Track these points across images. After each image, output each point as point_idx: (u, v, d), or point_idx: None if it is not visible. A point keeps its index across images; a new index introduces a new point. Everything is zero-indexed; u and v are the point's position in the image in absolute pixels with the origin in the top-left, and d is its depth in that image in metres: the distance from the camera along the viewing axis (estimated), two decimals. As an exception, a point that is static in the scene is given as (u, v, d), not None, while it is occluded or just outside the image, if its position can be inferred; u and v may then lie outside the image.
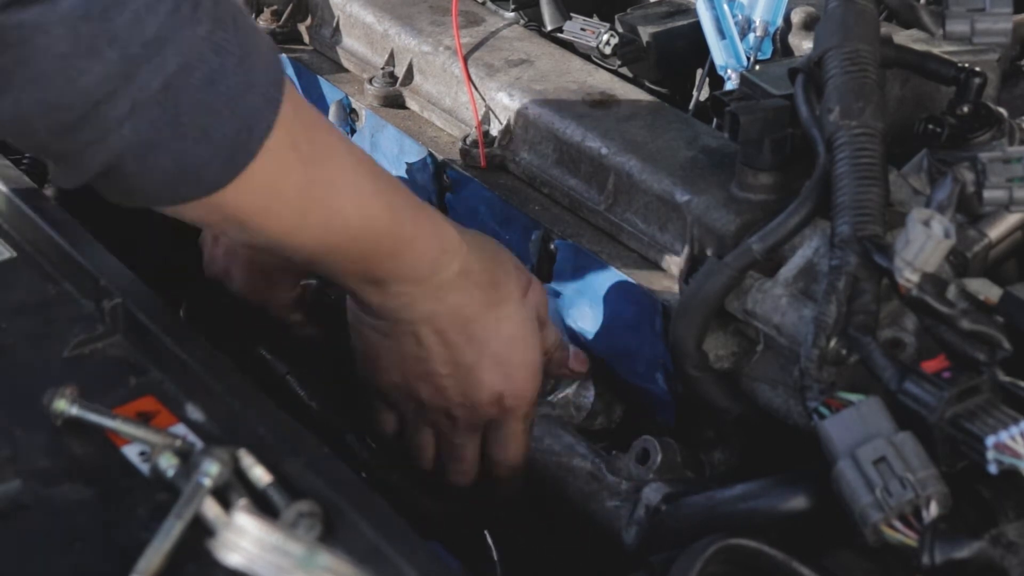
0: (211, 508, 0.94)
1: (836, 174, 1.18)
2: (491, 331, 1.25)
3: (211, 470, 0.95)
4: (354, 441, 1.37)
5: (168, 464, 0.98)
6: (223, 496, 0.95)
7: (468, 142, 1.49)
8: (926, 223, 1.06)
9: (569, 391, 1.36)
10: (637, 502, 1.23)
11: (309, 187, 1.12)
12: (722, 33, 1.49)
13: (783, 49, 1.50)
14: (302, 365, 1.44)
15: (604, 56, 1.57)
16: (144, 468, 0.99)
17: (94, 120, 0.97)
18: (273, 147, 1.05)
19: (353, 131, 1.61)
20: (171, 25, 0.98)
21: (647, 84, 1.58)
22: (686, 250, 1.30)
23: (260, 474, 0.96)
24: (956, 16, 1.32)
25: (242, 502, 0.94)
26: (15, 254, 1.18)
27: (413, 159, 1.52)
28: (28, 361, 1.09)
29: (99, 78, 0.96)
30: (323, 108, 1.64)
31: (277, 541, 0.85)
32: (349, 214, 1.15)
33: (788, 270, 1.21)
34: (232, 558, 0.85)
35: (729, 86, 1.47)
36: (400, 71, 1.60)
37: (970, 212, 1.20)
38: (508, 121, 1.48)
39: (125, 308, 1.10)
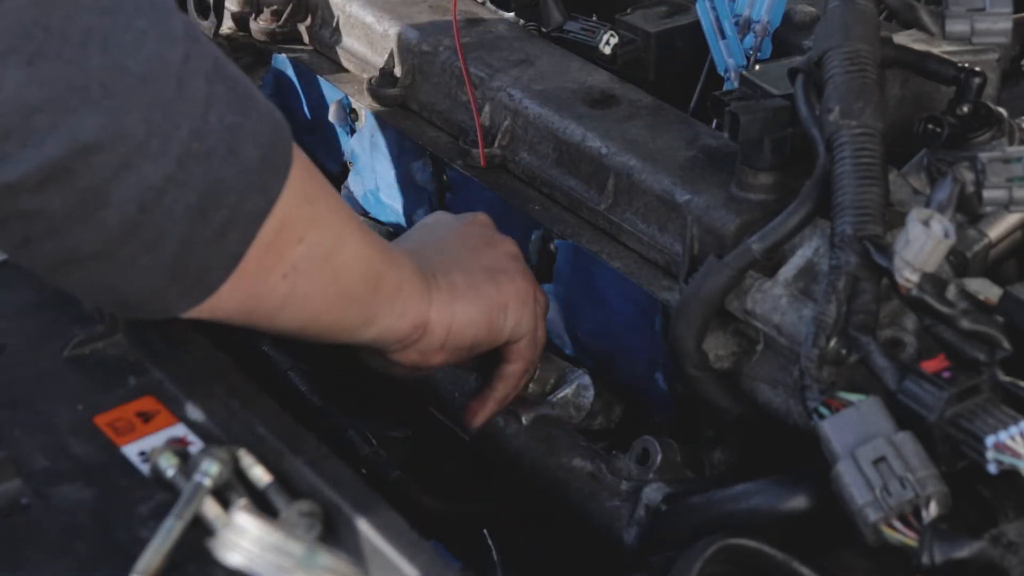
0: (211, 508, 0.94)
1: (836, 174, 1.18)
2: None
3: (211, 470, 0.95)
4: (355, 437, 1.37)
5: (168, 464, 0.98)
6: (223, 496, 0.95)
7: (468, 142, 1.49)
8: (926, 223, 1.06)
9: (568, 391, 1.36)
10: (637, 502, 1.23)
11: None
12: (722, 33, 1.49)
13: (783, 49, 1.50)
14: (304, 361, 1.44)
15: (604, 56, 1.56)
16: (144, 468, 0.99)
17: (184, 107, 0.93)
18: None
19: (353, 131, 1.61)
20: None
21: (647, 84, 1.58)
22: (686, 250, 1.30)
23: (260, 474, 0.96)
24: (956, 16, 1.32)
25: (242, 502, 0.94)
26: (15, 254, 1.18)
27: (413, 159, 1.52)
28: (28, 361, 1.09)
29: (166, 54, 0.92)
30: (323, 108, 1.64)
31: (277, 541, 0.85)
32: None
33: (788, 270, 1.21)
34: (232, 558, 0.85)
35: (729, 86, 1.47)
36: (400, 71, 1.60)
37: (970, 212, 1.20)
38: (508, 121, 1.48)
39: (125, 308, 1.10)
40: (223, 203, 0.95)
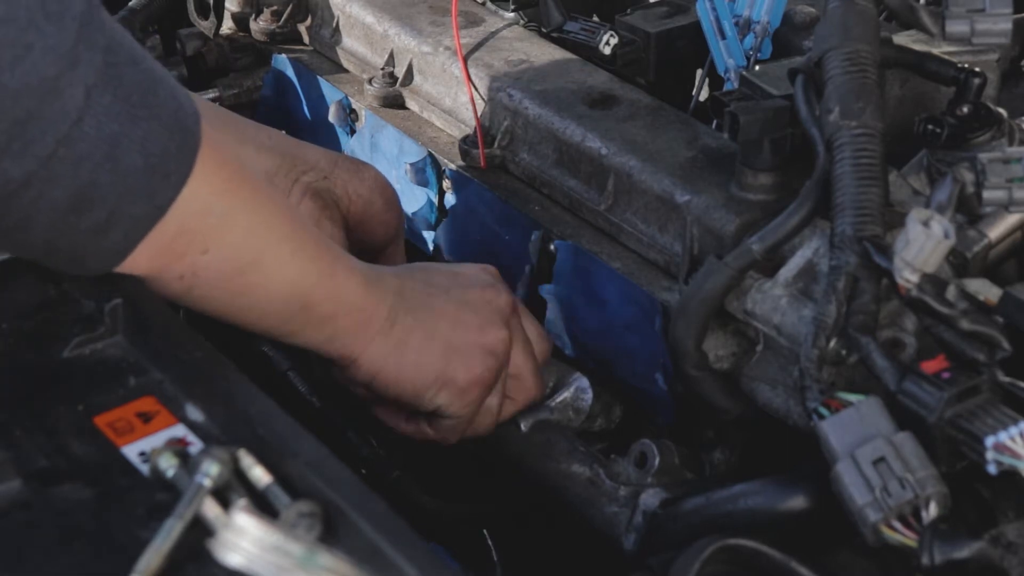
0: (211, 508, 0.94)
1: (836, 174, 1.18)
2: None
3: (211, 470, 0.95)
4: (355, 438, 1.37)
5: (168, 464, 0.97)
6: (223, 496, 0.95)
7: (468, 142, 1.49)
8: (926, 223, 1.06)
9: (567, 394, 1.36)
10: (635, 508, 1.23)
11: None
12: (722, 33, 1.49)
13: (783, 49, 1.50)
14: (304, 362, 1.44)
15: (604, 56, 1.56)
16: (144, 468, 0.99)
17: (50, 115, 0.97)
18: (207, 129, 1.06)
19: (353, 131, 1.61)
20: (92, 4, 0.99)
21: (647, 84, 1.58)
22: (686, 250, 1.30)
23: (260, 474, 0.96)
24: (956, 16, 1.32)
25: (242, 502, 0.94)
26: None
27: (413, 159, 1.52)
28: (28, 361, 1.08)
29: (50, 56, 0.95)
30: (323, 108, 1.64)
31: (277, 541, 0.85)
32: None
33: (788, 270, 1.21)
34: (232, 558, 0.85)
35: (729, 86, 1.47)
36: (400, 71, 1.60)
37: (970, 212, 1.20)
38: (508, 121, 1.48)
39: (125, 308, 1.10)
40: (98, 204, 1.01)
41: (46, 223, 1.01)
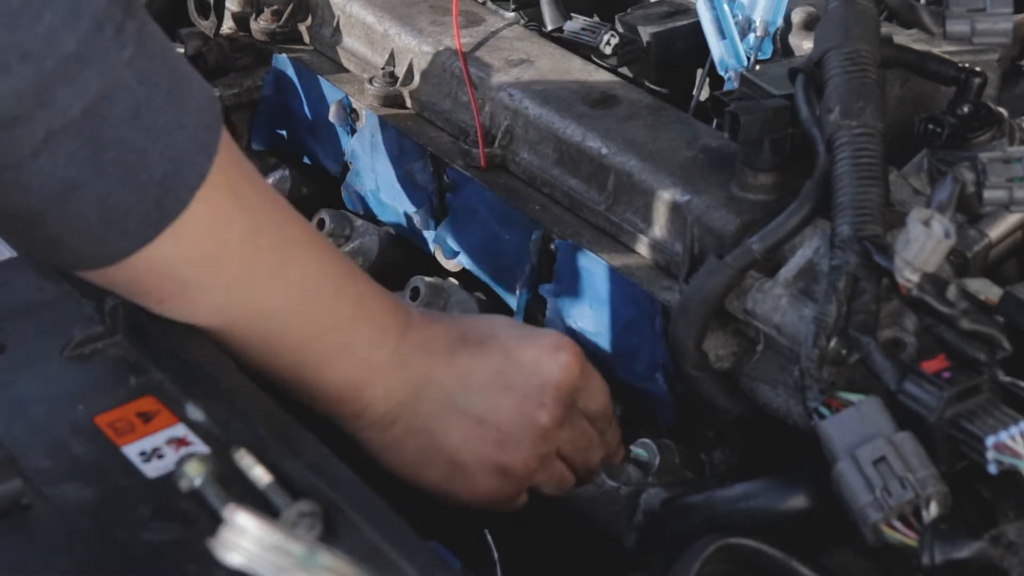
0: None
1: (836, 174, 1.18)
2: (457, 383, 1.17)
3: (211, 470, 0.95)
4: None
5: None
6: (223, 496, 0.95)
7: (468, 142, 1.49)
8: (926, 223, 1.06)
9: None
10: (636, 507, 1.23)
11: (255, 234, 1.06)
12: (722, 33, 1.49)
13: (783, 49, 1.50)
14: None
15: (604, 56, 1.56)
16: (144, 468, 0.99)
17: (4, 145, 0.90)
18: (209, 194, 1.00)
19: (353, 131, 1.61)
20: (92, 43, 0.90)
21: (647, 84, 1.58)
22: (686, 250, 1.30)
23: (260, 474, 0.96)
24: (956, 16, 1.32)
25: (242, 502, 0.94)
26: (15, 254, 1.18)
27: (413, 159, 1.52)
28: (28, 361, 1.08)
29: (8, 97, 0.88)
30: (323, 108, 1.64)
31: (277, 541, 0.85)
32: (302, 267, 1.10)
33: (788, 270, 1.21)
34: (232, 558, 0.85)
35: (729, 86, 1.47)
36: (400, 71, 1.60)
37: (970, 212, 1.20)
38: (508, 121, 1.48)
39: (125, 308, 1.10)
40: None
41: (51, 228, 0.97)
